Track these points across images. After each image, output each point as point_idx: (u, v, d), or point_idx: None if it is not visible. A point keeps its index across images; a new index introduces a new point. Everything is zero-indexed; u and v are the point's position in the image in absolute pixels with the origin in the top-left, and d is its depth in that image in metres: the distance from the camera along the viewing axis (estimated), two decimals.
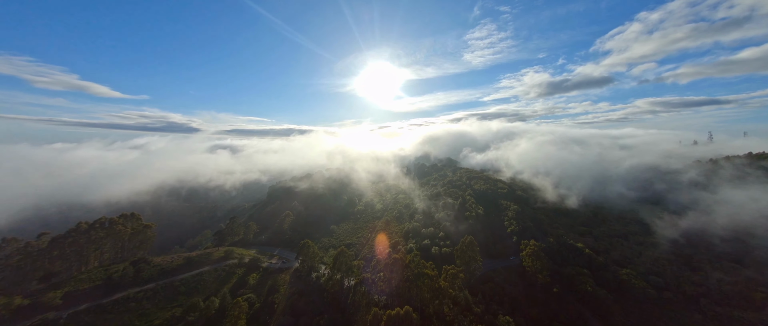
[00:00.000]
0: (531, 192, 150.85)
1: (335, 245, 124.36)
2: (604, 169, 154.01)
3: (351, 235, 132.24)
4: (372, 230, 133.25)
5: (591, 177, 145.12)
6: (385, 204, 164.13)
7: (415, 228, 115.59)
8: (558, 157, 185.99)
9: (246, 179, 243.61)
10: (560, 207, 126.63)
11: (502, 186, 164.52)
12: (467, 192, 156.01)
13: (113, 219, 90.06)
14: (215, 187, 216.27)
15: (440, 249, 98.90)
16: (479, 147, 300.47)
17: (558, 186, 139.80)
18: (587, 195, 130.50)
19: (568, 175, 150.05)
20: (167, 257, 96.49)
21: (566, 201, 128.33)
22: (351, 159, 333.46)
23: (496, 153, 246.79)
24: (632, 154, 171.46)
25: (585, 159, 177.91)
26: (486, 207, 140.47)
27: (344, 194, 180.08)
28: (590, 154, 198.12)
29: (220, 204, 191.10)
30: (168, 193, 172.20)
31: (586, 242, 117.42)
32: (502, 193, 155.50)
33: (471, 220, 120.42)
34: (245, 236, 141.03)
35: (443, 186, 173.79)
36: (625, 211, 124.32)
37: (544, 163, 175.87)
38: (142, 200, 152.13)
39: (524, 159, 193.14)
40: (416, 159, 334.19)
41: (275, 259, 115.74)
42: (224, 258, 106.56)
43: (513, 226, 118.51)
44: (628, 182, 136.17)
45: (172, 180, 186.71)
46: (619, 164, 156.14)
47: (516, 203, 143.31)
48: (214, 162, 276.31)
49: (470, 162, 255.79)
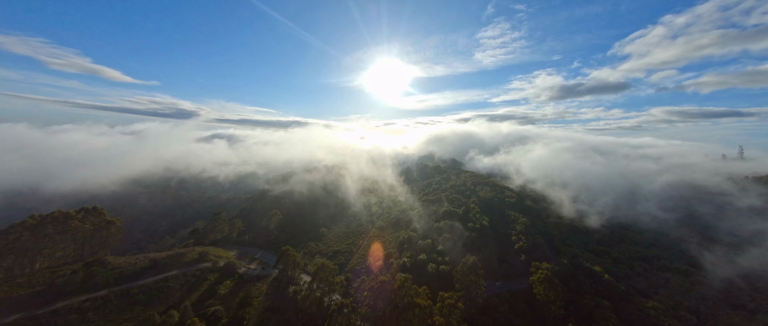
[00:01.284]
0: (543, 204, 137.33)
1: (323, 251, 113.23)
2: (632, 185, 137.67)
3: (341, 241, 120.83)
4: (365, 236, 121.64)
5: (617, 192, 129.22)
6: (382, 206, 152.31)
7: (412, 239, 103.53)
8: (578, 168, 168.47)
9: (241, 171, 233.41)
10: (579, 226, 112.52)
11: (510, 195, 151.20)
12: (471, 199, 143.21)
13: (68, 214, 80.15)
14: (208, 179, 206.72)
15: (438, 267, 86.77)
16: (487, 149, 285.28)
17: (577, 201, 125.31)
18: (612, 214, 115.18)
19: (589, 189, 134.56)
20: (130, 258, 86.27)
21: (586, 218, 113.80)
22: (352, 155, 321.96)
23: (505, 157, 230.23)
24: (664, 168, 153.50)
25: (609, 171, 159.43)
26: (491, 217, 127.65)
27: (339, 193, 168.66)
28: (615, 165, 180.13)
29: (212, 197, 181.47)
30: (155, 183, 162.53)
31: (604, 265, 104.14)
32: (510, 203, 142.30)
33: (474, 233, 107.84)
34: (229, 234, 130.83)
35: (446, 191, 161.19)
36: (657, 234, 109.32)
37: (560, 172, 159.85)
38: (121, 190, 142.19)
39: (538, 166, 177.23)
40: (420, 158, 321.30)
41: (255, 264, 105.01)
42: (197, 261, 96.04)
43: (521, 242, 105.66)
44: (662, 201, 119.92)
45: (161, 169, 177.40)
46: (651, 179, 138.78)
47: (525, 215, 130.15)
48: (209, 152, 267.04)
49: (476, 165, 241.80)
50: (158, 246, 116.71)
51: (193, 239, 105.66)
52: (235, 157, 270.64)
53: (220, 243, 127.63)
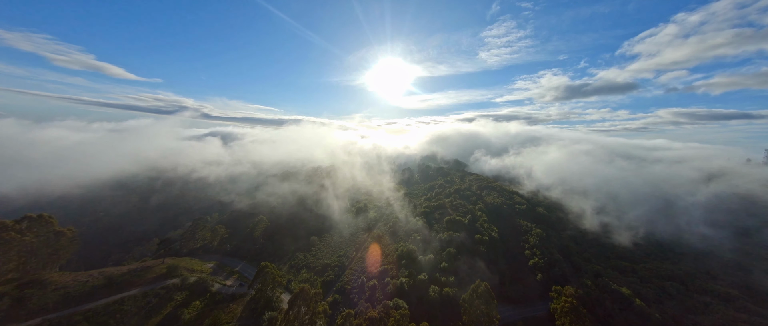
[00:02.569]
0: (558, 213, 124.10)
1: (311, 265, 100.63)
2: (668, 194, 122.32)
3: (333, 252, 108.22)
4: (359, 247, 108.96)
5: (650, 204, 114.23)
6: (380, 212, 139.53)
7: (411, 254, 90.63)
8: (600, 174, 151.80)
9: (233, 172, 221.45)
10: (605, 242, 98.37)
11: (520, 202, 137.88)
12: (478, 206, 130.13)
13: (4, 224, 68.23)
14: (198, 180, 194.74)
15: (441, 290, 73.83)
16: (493, 151, 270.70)
17: (601, 212, 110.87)
18: (647, 230, 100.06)
19: (614, 198, 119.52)
20: (81, 275, 74.11)
21: (614, 233, 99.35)
22: (351, 155, 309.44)
23: (514, 159, 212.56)
24: (702, 175, 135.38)
25: (637, 178, 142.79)
26: (500, 227, 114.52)
27: (335, 196, 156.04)
28: (644, 172, 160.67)
29: (201, 199, 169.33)
30: (136, 185, 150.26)
31: (631, 285, 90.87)
32: (520, 210, 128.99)
33: (483, 247, 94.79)
34: (210, 242, 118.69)
35: (449, 196, 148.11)
36: (704, 254, 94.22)
37: (580, 178, 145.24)
38: (93, 193, 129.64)
39: (552, 171, 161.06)
40: (421, 158, 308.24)
41: (232, 280, 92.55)
42: (164, 277, 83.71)
43: (536, 258, 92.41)
44: (711, 216, 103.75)
45: (144, 169, 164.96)
46: (693, 190, 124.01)
47: (537, 225, 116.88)
48: (199, 151, 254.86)
49: (482, 167, 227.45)
50: (128, 257, 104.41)
51: (163, 250, 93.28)
52: (229, 157, 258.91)
53: (200, 252, 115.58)
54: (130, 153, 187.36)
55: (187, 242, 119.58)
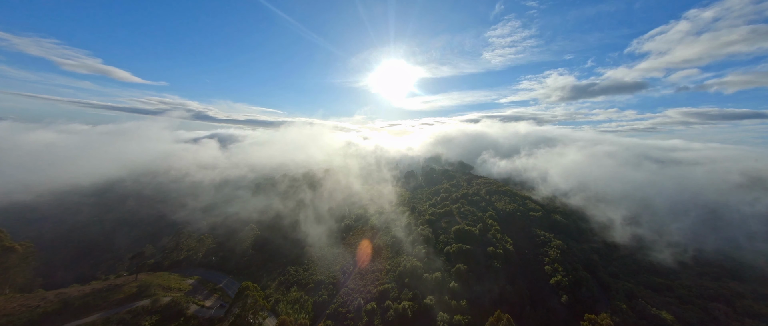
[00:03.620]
0: (579, 222, 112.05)
1: (303, 281, 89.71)
2: (718, 204, 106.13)
3: (328, 266, 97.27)
4: (357, 261, 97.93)
5: (695, 215, 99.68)
6: (381, 220, 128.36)
7: (415, 271, 79.46)
8: (629, 179, 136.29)
9: (228, 175, 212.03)
10: (641, 260, 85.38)
11: (535, 208, 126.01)
12: (488, 213, 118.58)
13: None
14: (191, 185, 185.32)
15: (451, 318, 62.50)
16: (502, 152, 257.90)
17: (634, 223, 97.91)
18: (698, 247, 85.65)
19: (649, 207, 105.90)
20: (33, 299, 64.16)
21: (652, 249, 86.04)
22: (351, 157, 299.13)
23: (526, 161, 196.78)
24: (753, 181, 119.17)
25: (676, 184, 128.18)
26: (515, 237, 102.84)
27: (331, 202, 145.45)
28: (682, 177, 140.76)
29: (190, 205, 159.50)
30: (121, 190, 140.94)
31: (669, 307, 78.65)
32: (536, 218, 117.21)
33: (497, 262, 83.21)
34: (194, 254, 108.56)
35: (456, 201, 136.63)
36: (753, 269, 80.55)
37: (606, 183, 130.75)
38: (69, 201, 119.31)
39: (572, 174, 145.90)
40: (425, 160, 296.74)
41: (213, 300, 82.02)
42: (133, 298, 73.44)
43: (559, 276, 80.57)
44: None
45: (132, 172, 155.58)
46: (745, 198, 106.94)
47: (556, 235, 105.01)
48: (194, 153, 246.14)
49: (490, 169, 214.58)
50: (98, 274, 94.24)
51: (136, 265, 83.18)
52: (225, 160, 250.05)
53: (183, 265, 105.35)
54: (117, 156, 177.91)
55: (170, 253, 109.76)
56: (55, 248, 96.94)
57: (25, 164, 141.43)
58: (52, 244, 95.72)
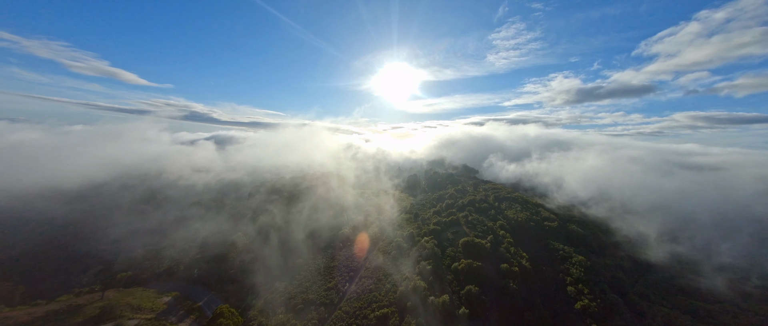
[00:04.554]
0: (602, 235, 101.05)
1: (292, 299, 79.62)
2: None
3: (322, 281, 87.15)
4: (353, 276, 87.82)
5: (750, 233, 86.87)
6: (381, 229, 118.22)
7: (419, 292, 69.15)
8: (661, 188, 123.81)
9: (223, 178, 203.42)
10: (681, 283, 73.21)
11: (549, 218, 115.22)
12: (498, 222, 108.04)
13: None
14: (185, 188, 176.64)
15: None
16: (509, 156, 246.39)
17: (673, 241, 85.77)
18: (758, 273, 72.68)
19: (687, 221, 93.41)
20: None
21: (698, 273, 73.34)
22: (353, 160, 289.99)
23: (537, 166, 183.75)
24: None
25: (720, 195, 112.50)
26: (529, 250, 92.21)
27: (328, 209, 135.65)
28: (727, 186, 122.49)
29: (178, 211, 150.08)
30: (104, 194, 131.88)
31: None
32: (551, 229, 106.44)
33: (513, 282, 72.64)
34: (174, 266, 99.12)
35: (463, 208, 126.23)
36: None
37: (633, 193, 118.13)
38: (43, 205, 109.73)
39: (591, 181, 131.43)
40: (429, 163, 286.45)
41: (189, 322, 72.34)
42: (94, 321, 63.95)
43: (585, 300, 69.75)
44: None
45: (118, 175, 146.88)
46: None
47: (575, 249, 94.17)
48: (188, 155, 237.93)
49: (496, 173, 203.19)
50: (59, 291, 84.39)
51: (101, 280, 73.82)
52: (222, 162, 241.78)
53: (163, 277, 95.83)
54: (103, 158, 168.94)
55: (151, 265, 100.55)
56: (44, 253, 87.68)
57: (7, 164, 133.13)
58: (40, 249, 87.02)
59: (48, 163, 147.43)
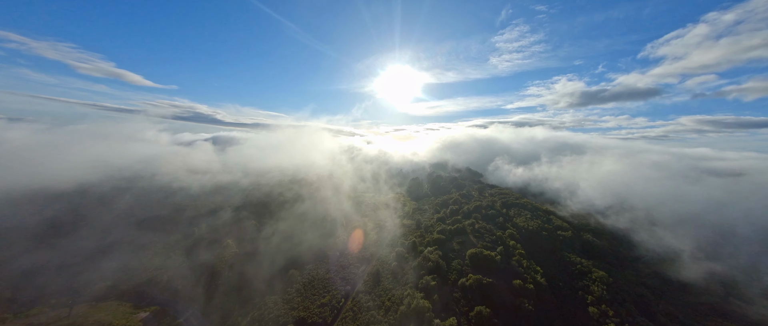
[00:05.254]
0: (620, 247, 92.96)
1: (281, 319, 72.12)
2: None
3: (316, 295, 79.68)
4: (349, 291, 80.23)
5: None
6: (380, 237, 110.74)
7: (422, 313, 61.46)
8: (692, 198, 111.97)
9: (220, 181, 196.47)
10: (724, 310, 64.07)
11: (562, 226, 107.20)
12: (508, 231, 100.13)
13: None
14: (178, 190, 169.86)
15: None
16: (516, 159, 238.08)
17: (712, 259, 75.91)
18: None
19: (736, 239, 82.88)
20: None
21: (747, 300, 63.46)
22: (354, 161, 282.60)
23: (547, 170, 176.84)
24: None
25: (765, 207, 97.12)
26: (543, 264, 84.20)
27: (325, 214, 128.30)
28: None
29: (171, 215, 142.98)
30: (88, 197, 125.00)
31: None
32: (566, 239, 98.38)
33: (528, 301, 64.73)
34: (157, 276, 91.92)
35: (469, 215, 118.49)
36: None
37: (659, 202, 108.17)
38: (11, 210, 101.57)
39: (609, 188, 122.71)
40: (431, 166, 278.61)
41: None
42: None
43: (611, 325, 61.61)
44: None
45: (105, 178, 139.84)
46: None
47: (594, 262, 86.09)
48: (183, 157, 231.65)
49: (503, 177, 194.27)
50: (17, 307, 76.62)
51: (71, 292, 66.64)
52: (218, 164, 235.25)
53: (143, 288, 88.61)
54: (89, 158, 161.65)
55: (132, 273, 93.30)
56: (36, 255, 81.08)
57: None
58: (31, 251, 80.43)
59: (29, 162, 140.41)
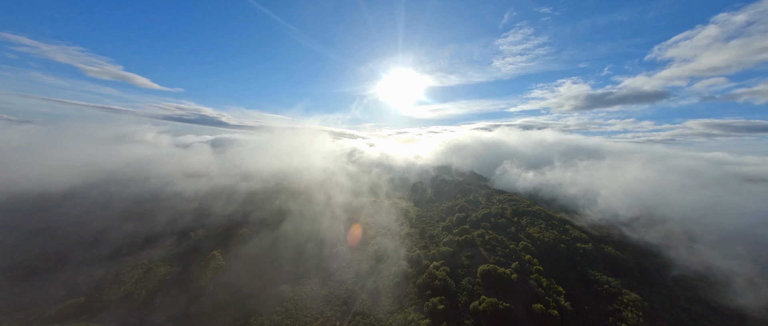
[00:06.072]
0: (645, 260, 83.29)
1: None
2: None
3: (308, 319, 70.91)
4: (346, 312, 71.38)
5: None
6: (380, 246, 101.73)
7: None
8: (739, 210, 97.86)
9: (217, 185, 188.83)
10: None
11: (581, 238, 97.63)
12: (522, 244, 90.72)
13: None
14: (173, 195, 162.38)
15: None
16: (524, 163, 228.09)
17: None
18: None
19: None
20: None
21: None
22: (354, 164, 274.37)
23: (561, 175, 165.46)
24: None
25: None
26: (564, 283, 74.77)
27: (322, 220, 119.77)
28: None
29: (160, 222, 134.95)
30: (84, 198, 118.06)
31: None
32: (586, 254, 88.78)
33: None
34: (135, 291, 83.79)
35: (477, 225, 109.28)
36: None
37: (700, 214, 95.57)
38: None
39: (638, 198, 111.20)
40: (435, 169, 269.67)
41: None
42: None
43: None
44: None
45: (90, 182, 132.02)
46: None
47: (622, 281, 76.51)
48: (179, 159, 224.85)
49: (513, 182, 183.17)
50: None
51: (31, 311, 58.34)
52: (216, 167, 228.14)
53: (116, 306, 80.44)
54: (71, 160, 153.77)
55: (108, 288, 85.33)
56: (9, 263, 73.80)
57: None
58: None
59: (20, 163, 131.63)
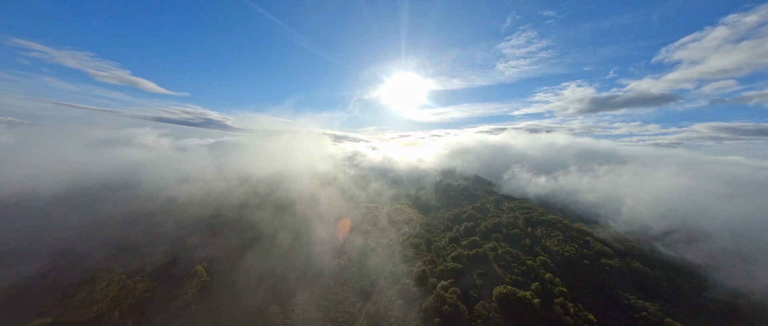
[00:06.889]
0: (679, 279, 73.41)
1: None
2: None
3: None
4: None
5: None
6: (381, 258, 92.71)
7: None
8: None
9: (212, 189, 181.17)
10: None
11: (606, 252, 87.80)
12: (539, 259, 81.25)
13: None
14: (167, 200, 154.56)
15: None
16: (534, 167, 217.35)
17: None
18: None
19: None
20: None
21: None
22: (356, 168, 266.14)
23: (577, 181, 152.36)
24: None
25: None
26: (590, 305, 65.21)
27: (319, 230, 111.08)
28: None
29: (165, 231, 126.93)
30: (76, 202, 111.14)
31: None
32: (613, 270, 79.00)
33: None
34: (110, 310, 75.43)
35: (488, 236, 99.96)
36: None
37: (758, 231, 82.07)
38: None
39: (670, 208, 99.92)
40: (438, 173, 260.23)
41: None
42: None
43: None
44: None
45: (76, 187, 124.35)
46: None
47: (652, 303, 66.75)
48: (176, 162, 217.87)
49: (522, 187, 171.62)
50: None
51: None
52: (212, 171, 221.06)
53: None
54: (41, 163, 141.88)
55: (81, 308, 77.16)
56: None
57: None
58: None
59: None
